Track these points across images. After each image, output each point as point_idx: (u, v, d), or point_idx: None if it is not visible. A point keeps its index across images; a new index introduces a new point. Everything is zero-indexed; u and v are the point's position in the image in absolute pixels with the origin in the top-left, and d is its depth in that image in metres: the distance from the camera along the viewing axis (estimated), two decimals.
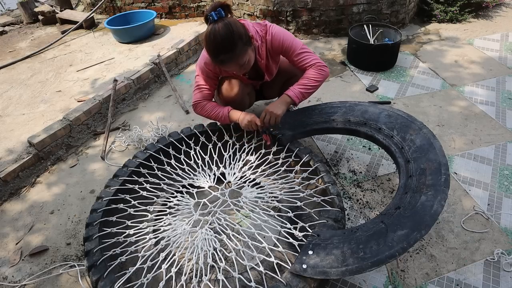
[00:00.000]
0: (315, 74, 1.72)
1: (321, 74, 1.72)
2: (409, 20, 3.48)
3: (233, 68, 1.60)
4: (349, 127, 1.79)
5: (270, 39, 1.70)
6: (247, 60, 1.56)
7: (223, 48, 1.47)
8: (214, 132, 1.91)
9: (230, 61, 1.52)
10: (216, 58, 1.51)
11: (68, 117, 2.27)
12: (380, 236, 1.25)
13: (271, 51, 1.75)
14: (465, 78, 2.65)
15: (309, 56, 1.72)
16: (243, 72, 1.69)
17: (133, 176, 1.71)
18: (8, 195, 1.97)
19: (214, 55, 1.51)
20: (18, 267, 1.61)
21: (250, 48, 1.57)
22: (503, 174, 1.88)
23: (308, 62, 1.72)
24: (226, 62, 1.53)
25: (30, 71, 3.10)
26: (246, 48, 1.53)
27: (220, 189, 1.74)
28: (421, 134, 1.62)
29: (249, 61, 1.58)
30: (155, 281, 1.34)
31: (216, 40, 1.45)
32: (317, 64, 1.72)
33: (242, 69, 1.62)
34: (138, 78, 2.68)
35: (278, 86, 2.08)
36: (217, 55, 1.50)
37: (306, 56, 1.72)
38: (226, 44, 1.46)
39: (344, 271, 1.18)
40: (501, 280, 1.43)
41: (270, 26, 1.71)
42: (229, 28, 1.44)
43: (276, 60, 1.86)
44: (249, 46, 1.55)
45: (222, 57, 1.50)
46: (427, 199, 1.34)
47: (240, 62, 1.54)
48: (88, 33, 3.75)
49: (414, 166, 1.50)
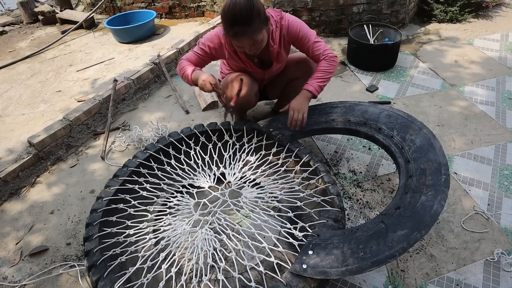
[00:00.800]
0: (328, 65, 1.73)
1: (333, 65, 1.74)
2: (409, 20, 3.48)
3: (244, 43, 1.54)
4: (349, 127, 1.79)
5: (287, 25, 1.69)
6: (260, 39, 1.54)
7: (241, 20, 1.45)
8: (214, 132, 1.91)
9: (244, 35, 1.49)
10: (230, 28, 1.48)
11: (68, 117, 2.27)
12: (380, 236, 1.25)
13: (286, 37, 1.73)
14: (465, 78, 2.65)
15: (322, 46, 1.74)
16: (252, 52, 1.62)
17: (133, 176, 1.71)
18: (8, 195, 1.97)
19: (230, 25, 1.48)
20: (18, 267, 1.61)
21: (266, 28, 1.55)
22: (503, 174, 1.88)
23: (321, 52, 1.73)
24: (240, 35, 1.49)
25: (30, 71, 3.11)
26: (262, 26, 1.51)
27: (220, 189, 1.74)
28: (421, 134, 1.62)
29: (262, 41, 1.56)
30: (155, 281, 1.33)
31: (235, 10, 1.44)
32: (329, 56, 1.73)
33: (253, 48, 1.58)
34: (138, 78, 2.68)
35: (281, 87, 2.07)
36: (232, 26, 1.47)
37: (319, 45, 1.73)
38: (244, 16, 1.44)
39: (344, 271, 1.18)
40: (501, 280, 1.43)
41: (286, 14, 1.71)
42: (250, 2, 1.44)
43: (287, 49, 1.83)
44: (265, 26, 1.54)
45: (236, 29, 1.47)
46: (427, 199, 1.34)
47: (253, 37, 1.51)
48: (88, 33, 3.75)
49: (414, 166, 1.50)
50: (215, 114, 2.46)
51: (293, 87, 2.03)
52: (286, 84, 2.03)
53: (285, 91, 2.09)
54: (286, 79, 2.00)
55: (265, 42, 1.60)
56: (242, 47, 1.60)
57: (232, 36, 1.52)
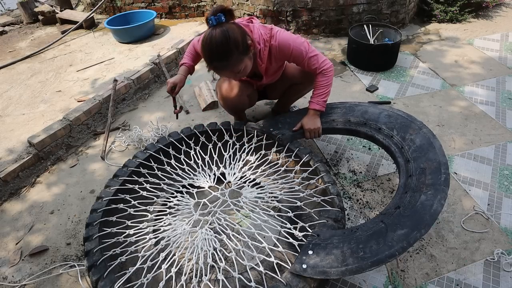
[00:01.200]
0: (326, 79, 1.74)
1: (329, 77, 1.75)
2: (409, 20, 3.48)
3: (226, 75, 1.61)
4: (349, 127, 1.79)
5: (277, 45, 1.65)
6: (242, 68, 1.53)
7: (217, 56, 1.45)
8: (214, 132, 1.91)
9: (224, 69, 1.51)
10: (209, 64, 1.50)
11: (68, 117, 2.28)
12: (380, 236, 1.25)
13: (277, 55, 1.70)
14: (465, 78, 2.65)
15: (317, 60, 1.70)
16: (238, 78, 1.70)
17: (133, 176, 1.71)
18: (8, 195, 1.97)
19: (208, 61, 1.49)
20: (18, 267, 1.61)
21: (247, 57, 1.53)
22: (503, 174, 1.88)
23: (317, 66, 1.71)
24: (219, 69, 1.52)
25: (30, 71, 3.11)
26: (242, 57, 1.49)
27: (220, 189, 1.74)
28: (421, 133, 1.62)
29: (245, 69, 1.55)
30: (155, 281, 1.33)
31: (211, 46, 1.43)
32: (325, 69, 1.72)
33: (236, 76, 1.60)
34: (138, 78, 2.68)
35: (282, 89, 2.07)
36: (211, 62, 1.48)
37: (314, 60, 1.70)
38: (221, 52, 1.43)
39: (344, 271, 1.18)
40: (501, 280, 1.43)
41: (277, 32, 1.66)
42: (226, 35, 1.41)
43: (279, 64, 1.81)
44: (246, 55, 1.51)
45: (215, 64, 1.48)
46: (427, 198, 1.34)
47: (234, 70, 1.52)
48: (88, 33, 3.75)
49: (414, 166, 1.50)
50: (215, 114, 2.46)
51: (295, 91, 2.05)
52: (288, 87, 2.02)
53: (286, 93, 2.10)
54: (288, 83, 2.00)
55: (249, 68, 1.59)
56: (224, 76, 1.65)
57: (212, 69, 1.53)
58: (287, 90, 2.07)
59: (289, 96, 2.12)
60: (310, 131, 1.77)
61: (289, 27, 3.32)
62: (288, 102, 2.20)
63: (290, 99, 2.16)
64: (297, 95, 2.12)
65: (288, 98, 2.15)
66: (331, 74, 1.74)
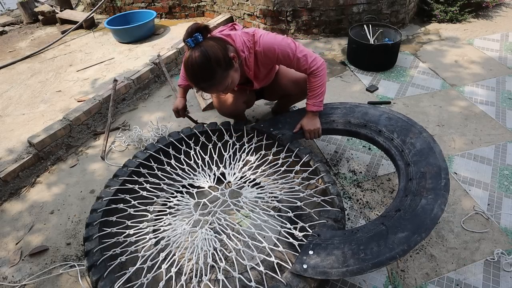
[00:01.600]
0: (317, 80, 1.68)
1: (321, 76, 1.68)
2: (409, 20, 3.48)
3: (216, 92, 1.61)
4: (349, 129, 1.79)
5: (261, 50, 1.60)
6: (230, 82, 1.52)
7: (202, 78, 1.45)
8: (214, 132, 1.91)
9: (212, 88, 1.51)
10: (196, 85, 1.50)
11: (68, 117, 2.27)
12: (380, 238, 1.25)
13: (263, 61, 1.66)
14: (465, 78, 2.65)
15: (306, 60, 1.64)
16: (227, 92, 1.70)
17: (133, 176, 1.71)
18: (8, 195, 1.97)
19: (194, 83, 1.49)
20: (18, 267, 1.61)
21: (232, 70, 1.50)
22: (503, 174, 1.88)
23: (307, 66, 1.65)
24: (207, 89, 1.53)
25: (30, 71, 3.10)
26: (227, 72, 1.48)
27: (220, 189, 1.74)
28: (421, 137, 1.62)
29: (233, 82, 1.53)
30: (155, 281, 1.34)
31: (193, 69, 1.42)
32: (315, 68, 1.65)
33: (226, 91, 1.60)
34: (138, 78, 2.68)
35: (278, 95, 2.08)
36: (197, 84, 1.48)
37: (303, 60, 1.63)
38: (204, 73, 1.43)
39: (345, 272, 1.18)
40: (501, 280, 1.43)
41: (260, 37, 1.59)
42: (206, 56, 1.39)
43: (268, 68, 1.76)
44: (231, 69, 1.49)
45: (202, 85, 1.49)
46: (427, 202, 1.34)
47: (221, 87, 1.51)
48: (88, 33, 3.75)
49: (414, 170, 1.50)
50: (215, 114, 2.46)
51: (289, 100, 2.09)
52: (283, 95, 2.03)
53: (283, 98, 2.12)
54: (282, 93, 1.99)
55: (237, 80, 1.57)
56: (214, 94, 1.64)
57: (200, 89, 1.55)
58: (282, 98, 2.10)
59: (286, 102, 2.15)
60: (310, 132, 1.77)
61: (289, 27, 3.32)
62: (286, 105, 2.20)
63: (287, 104, 2.18)
64: (293, 102, 2.15)
65: (286, 103, 2.17)
66: (323, 73, 1.68)
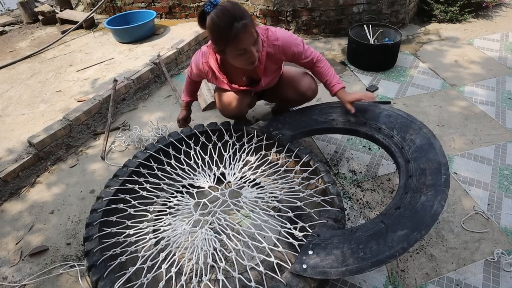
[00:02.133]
0: (324, 64, 1.78)
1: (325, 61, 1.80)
2: (409, 20, 3.48)
3: (248, 39, 1.44)
4: (349, 127, 1.79)
5: (280, 44, 1.64)
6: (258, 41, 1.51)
7: (235, 16, 1.39)
8: (214, 132, 1.91)
9: (246, 30, 1.40)
10: (230, 30, 1.39)
11: (68, 117, 2.27)
12: (380, 236, 1.25)
13: (277, 56, 1.67)
14: (465, 78, 2.65)
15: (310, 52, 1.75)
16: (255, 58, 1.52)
17: (133, 176, 1.71)
18: (8, 195, 1.97)
19: (228, 27, 1.39)
20: (18, 267, 1.61)
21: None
22: (503, 174, 1.88)
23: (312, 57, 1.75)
24: (242, 31, 1.40)
25: (30, 71, 3.10)
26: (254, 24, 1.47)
27: (220, 189, 1.74)
28: (421, 134, 1.61)
29: (259, 46, 1.53)
30: (155, 281, 1.33)
31: (224, 13, 1.39)
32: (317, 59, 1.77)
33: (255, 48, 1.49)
34: (138, 78, 2.68)
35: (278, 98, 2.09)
36: (231, 25, 1.38)
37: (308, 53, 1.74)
38: (237, 11, 1.40)
39: (344, 271, 1.18)
40: (501, 280, 1.43)
41: (275, 31, 1.64)
42: (232, 2, 1.41)
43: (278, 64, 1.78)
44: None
45: (237, 26, 1.38)
46: (427, 199, 1.34)
47: (253, 33, 1.45)
48: (88, 33, 3.75)
49: (414, 166, 1.50)
50: (215, 114, 2.46)
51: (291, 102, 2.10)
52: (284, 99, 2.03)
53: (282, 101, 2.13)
54: (283, 98, 2.00)
55: (260, 47, 1.56)
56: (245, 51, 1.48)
57: (234, 37, 1.41)
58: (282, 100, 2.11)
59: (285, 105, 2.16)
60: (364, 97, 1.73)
61: (289, 27, 3.32)
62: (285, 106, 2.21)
63: (286, 105, 2.18)
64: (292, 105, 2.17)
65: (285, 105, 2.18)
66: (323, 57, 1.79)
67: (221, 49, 1.52)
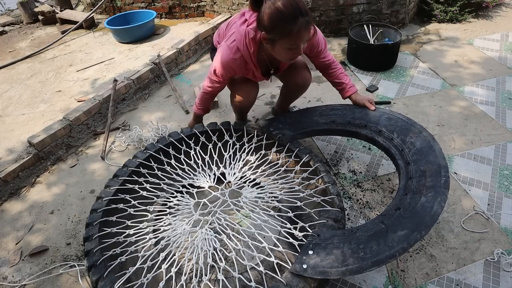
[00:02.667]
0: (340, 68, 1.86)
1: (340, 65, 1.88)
2: (409, 20, 3.48)
3: (306, 37, 1.43)
4: (350, 129, 1.79)
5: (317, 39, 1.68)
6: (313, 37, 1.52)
7: (301, 10, 1.36)
8: (214, 132, 1.91)
9: (307, 26, 1.39)
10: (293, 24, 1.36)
11: (68, 117, 2.27)
12: (380, 236, 1.25)
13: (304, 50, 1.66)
14: (465, 78, 2.65)
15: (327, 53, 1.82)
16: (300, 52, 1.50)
17: (133, 176, 1.71)
18: (8, 195, 1.97)
19: (292, 21, 1.36)
20: (18, 267, 1.61)
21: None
22: (503, 174, 1.88)
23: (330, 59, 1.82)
24: (304, 27, 1.38)
25: (30, 71, 3.10)
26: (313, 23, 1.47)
27: (220, 189, 1.74)
28: (421, 137, 1.62)
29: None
30: (155, 281, 1.34)
31: (291, 3, 1.35)
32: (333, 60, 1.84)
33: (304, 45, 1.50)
34: (138, 78, 2.68)
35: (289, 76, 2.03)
36: (296, 18, 1.35)
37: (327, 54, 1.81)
38: (302, 5, 1.37)
39: (344, 271, 1.18)
40: (501, 280, 1.43)
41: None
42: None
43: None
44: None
45: (301, 20, 1.36)
46: (427, 200, 1.34)
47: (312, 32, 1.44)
48: (88, 33, 3.75)
49: (414, 168, 1.50)
50: (215, 114, 2.46)
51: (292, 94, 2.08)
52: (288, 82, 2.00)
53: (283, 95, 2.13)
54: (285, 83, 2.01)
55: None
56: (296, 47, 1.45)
57: (295, 32, 1.38)
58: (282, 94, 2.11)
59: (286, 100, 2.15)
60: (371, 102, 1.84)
61: None
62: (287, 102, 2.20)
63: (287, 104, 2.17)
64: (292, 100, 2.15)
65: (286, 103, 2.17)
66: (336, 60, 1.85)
67: (273, 38, 1.44)
